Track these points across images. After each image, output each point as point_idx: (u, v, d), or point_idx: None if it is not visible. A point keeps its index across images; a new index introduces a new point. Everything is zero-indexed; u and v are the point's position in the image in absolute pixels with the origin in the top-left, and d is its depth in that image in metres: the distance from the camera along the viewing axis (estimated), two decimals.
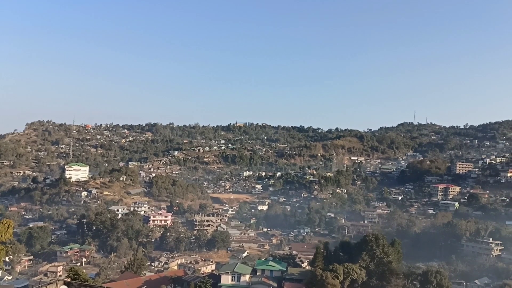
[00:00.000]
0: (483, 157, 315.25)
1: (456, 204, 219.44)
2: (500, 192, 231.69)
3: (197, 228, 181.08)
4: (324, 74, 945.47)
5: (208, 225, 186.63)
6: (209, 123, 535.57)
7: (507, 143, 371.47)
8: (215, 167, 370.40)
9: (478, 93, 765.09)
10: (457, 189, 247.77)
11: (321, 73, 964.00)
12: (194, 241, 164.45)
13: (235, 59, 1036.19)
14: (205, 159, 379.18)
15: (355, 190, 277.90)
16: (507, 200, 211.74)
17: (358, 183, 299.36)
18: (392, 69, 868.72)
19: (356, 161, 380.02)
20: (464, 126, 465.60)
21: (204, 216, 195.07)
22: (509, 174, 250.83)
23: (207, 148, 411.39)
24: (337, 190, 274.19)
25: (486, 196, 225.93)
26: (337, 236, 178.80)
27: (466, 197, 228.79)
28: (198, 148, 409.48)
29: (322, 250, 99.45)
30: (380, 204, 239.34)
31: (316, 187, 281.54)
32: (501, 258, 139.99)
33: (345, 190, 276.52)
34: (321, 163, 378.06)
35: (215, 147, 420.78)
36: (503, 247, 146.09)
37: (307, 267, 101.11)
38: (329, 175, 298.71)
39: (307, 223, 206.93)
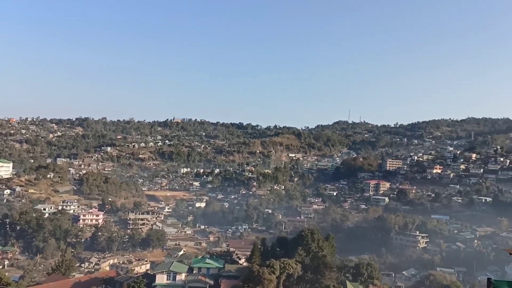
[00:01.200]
0: (412, 154, 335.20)
1: (386, 199, 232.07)
2: (426, 188, 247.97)
3: (131, 227, 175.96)
4: (261, 68, 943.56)
5: (143, 224, 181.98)
6: (145, 119, 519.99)
7: (433, 141, 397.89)
8: (151, 164, 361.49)
9: (407, 93, 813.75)
10: (388, 184, 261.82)
11: (258, 67, 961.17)
12: (128, 241, 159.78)
13: (172, 51, 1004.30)
14: (140, 156, 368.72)
15: (292, 187, 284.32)
16: (433, 195, 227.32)
17: (296, 179, 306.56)
18: (329, 67, 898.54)
19: (294, 158, 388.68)
20: (394, 125, 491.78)
21: (139, 214, 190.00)
22: (434, 171, 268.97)
23: (142, 144, 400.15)
24: (275, 187, 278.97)
25: (413, 191, 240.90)
26: (274, 232, 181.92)
27: (395, 193, 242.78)
28: (133, 144, 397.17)
29: (259, 246, 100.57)
30: (316, 200, 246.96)
31: (255, 183, 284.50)
32: (426, 250, 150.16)
33: (283, 187, 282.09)
34: (259, 160, 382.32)
35: (151, 143, 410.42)
36: (428, 240, 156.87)
37: (244, 264, 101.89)
38: (267, 172, 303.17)
39: (245, 220, 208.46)
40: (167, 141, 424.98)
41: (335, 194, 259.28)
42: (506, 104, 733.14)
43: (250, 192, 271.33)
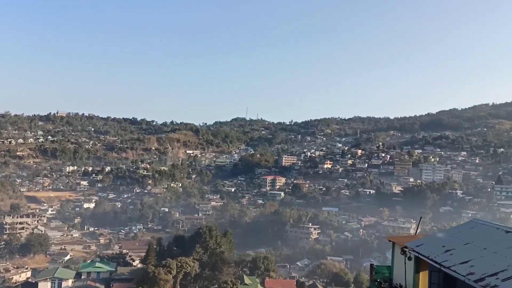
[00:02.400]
0: (305, 151, 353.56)
1: (282, 193, 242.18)
2: (318, 182, 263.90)
3: (7, 232, 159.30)
4: (152, 60, 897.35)
5: (22, 228, 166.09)
6: (23, 112, 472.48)
7: (324, 138, 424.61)
8: (31, 162, 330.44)
9: (300, 92, 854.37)
10: (283, 180, 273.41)
11: (149, 59, 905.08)
12: (4, 247, 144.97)
13: (55, 34, 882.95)
14: (18, 153, 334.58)
15: (190, 184, 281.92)
16: (324, 189, 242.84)
17: (193, 176, 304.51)
18: (226, 63, 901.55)
19: (192, 154, 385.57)
20: (289, 122, 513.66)
21: (17, 217, 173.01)
22: (325, 166, 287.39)
23: (20, 140, 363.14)
24: (172, 184, 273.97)
25: (307, 186, 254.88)
26: (171, 230, 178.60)
27: (290, 187, 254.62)
28: (9, 140, 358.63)
29: (155, 246, 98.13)
30: (214, 197, 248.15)
31: (150, 181, 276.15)
32: (318, 240, 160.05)
33: (180, 184, 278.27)
34: (155, 156, 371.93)
35: (31, 139, 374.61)
36: (320, 231, 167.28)
37: (139, 265, 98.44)
38: (163, 169, 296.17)
39: (139, 220, 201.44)
40: (49, 137, 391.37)
41: (233, 190, 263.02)
42: (386, 105, 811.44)
43: (145, 191, 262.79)
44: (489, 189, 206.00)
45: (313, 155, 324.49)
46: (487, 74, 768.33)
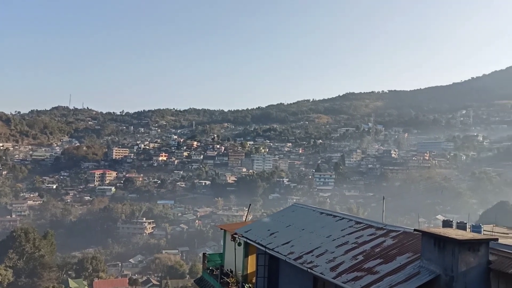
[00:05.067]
0: (138, 142, 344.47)
1: (113, 188, 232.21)
2: (153, 175, 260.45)
3: None
4: None
5: None
6: None
7: (159, 130, 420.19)
8: None
9: (132, 82, 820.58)
10: (114, 174, 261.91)
11: None
12: None
13: None
14: None
15: (0, 182, 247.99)
16: (159, 181, 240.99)
17: (4, 172, 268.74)
18: (42, 37, 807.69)
19: (2, 147, 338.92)
20: (120, 112, 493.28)
21: None
22: (160, 158, 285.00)
23: None
24: None
25: (140, 179, 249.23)
26: None
27: (122, 181, 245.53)
28: None
29: None
30: (32, 195, 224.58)
31: None
32: (153, 235, 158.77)
33: None
34: None
35: None
36: (155, 225, 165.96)
37: None
38: None
39: None
40: None
41: (55, 187, 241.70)
42: (220, 98, 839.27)
43: None
44: (310, 176, 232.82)
45: (147, 147, 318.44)
46: (309, 72, 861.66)
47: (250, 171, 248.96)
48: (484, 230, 27.60)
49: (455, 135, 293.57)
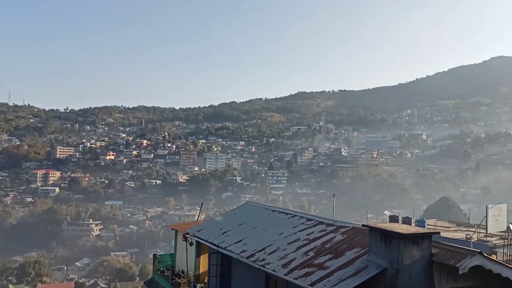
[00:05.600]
0: (84, 141, 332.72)
1: (57, 189, 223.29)
2: (100, 174, 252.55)
3: None
4: None
5: None
6: None
7: (106, 128, 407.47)
8: None
9: (76, 77, 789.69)
10: (58, 174, 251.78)
11: None
12: None
13: None
14: None
15: None
16: (106, 181, 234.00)
17: None
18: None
19: None
20: (64, 110, 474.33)
21: None
22: (108, 157, 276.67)
23: None
24: None
25: (87, 179, 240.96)
26: None
27: (67, 182, 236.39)
28: None
29: None
30: None
31: None
32: (100, 236, 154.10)
33: None
34: None
35: None
36: (102, 226, 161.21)
37: None
38: None
39: None
40: None
41: None
42: (171, 95, 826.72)
43: None
44: (262, 175, 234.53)
45: (93, 145, 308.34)
46: (262, 71, 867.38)
47: (203, 170, 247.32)
48: (427, 224, 29.16)
49: (401, 134, 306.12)
